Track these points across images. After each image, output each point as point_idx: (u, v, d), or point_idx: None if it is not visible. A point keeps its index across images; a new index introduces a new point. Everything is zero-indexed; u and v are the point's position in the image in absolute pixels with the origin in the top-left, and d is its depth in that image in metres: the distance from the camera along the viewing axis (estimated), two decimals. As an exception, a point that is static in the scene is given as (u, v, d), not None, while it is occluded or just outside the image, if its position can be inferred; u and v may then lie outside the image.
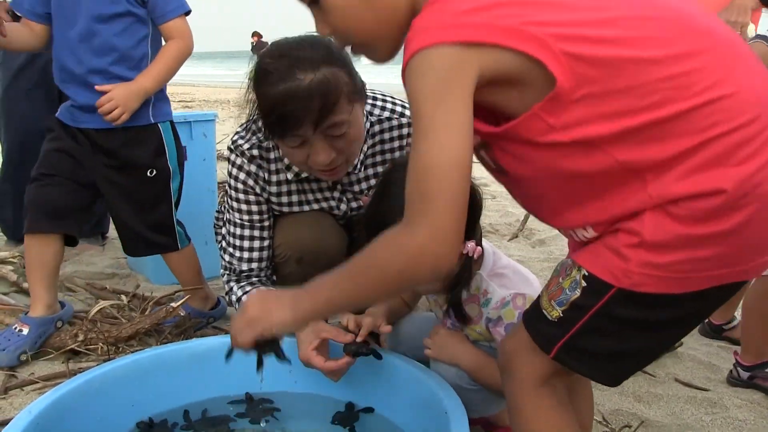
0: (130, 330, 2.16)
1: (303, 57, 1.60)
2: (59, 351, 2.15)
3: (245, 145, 1.88)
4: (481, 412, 1.63)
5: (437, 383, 1.52)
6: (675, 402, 2.01)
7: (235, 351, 1.31)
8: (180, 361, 1.73)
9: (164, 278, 2.99)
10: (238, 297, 1.90)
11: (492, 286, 1.53)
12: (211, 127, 3.05)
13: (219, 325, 2.51)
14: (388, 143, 1.92)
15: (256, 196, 1.91)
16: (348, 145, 1.70)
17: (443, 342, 1.60)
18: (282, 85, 1.58)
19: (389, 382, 1.66)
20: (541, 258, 3.45)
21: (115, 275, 3.13)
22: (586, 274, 1.07)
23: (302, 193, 1.94)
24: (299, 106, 1.57)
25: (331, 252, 1.93)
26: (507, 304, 1.49)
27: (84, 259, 3.34)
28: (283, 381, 1.76)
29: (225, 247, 1.96)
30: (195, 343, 1.81)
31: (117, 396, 1.61)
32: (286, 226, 1.95)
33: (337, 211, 1.98)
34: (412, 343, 1.75)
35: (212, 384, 1.74)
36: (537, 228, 4.05)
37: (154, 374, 1.69)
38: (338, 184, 1.95)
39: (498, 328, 1.51)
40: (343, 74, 1.63)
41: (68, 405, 1.50)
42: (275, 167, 1.90)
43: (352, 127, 1.67)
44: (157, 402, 1.67)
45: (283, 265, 1.94)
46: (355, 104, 1.68)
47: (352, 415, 1.69)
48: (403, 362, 1.65)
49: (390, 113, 1.90)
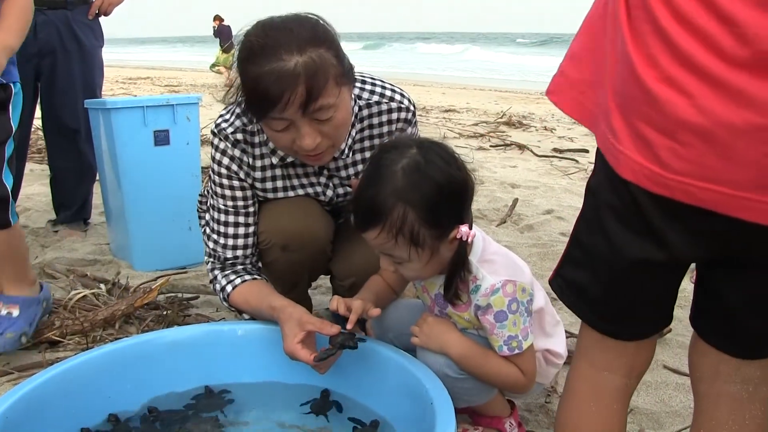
0: (106, 313, 2.11)
1: (289, 37, 1.54)
2: (35, 340, 2.10)
3: (229, 129, 1.82)
4: (469, 402, 1.60)
5: (423, 373, 1.49)
6: (663, 389, 1.98)
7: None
8: (158, 351, 1.69)
9: (147, 264, 2.96)
10: (222, 286, 1.85)
11: (482, 272, 1.49)
12: (194, 110, 3.00)
13: (202, 312, 2.46)
14: (376, 128, 1.87)
15: (240, 182, 1.86)
16: (335, 129, 1.64)
17: (431, 330, 1.56)
18: (267, 66, 1.52)
19: (375, 372, 1.63)
20: (530, 243, 3.42)
21: (97, 261, 3.08)
22: None
23: (287, 179, 1.89)
24: (284, 88, 1.51)
25: (317, 239, 1.89)
26: (497, 291, 1.46)
27: (66, 246, 3.29)
28: (261, 371, 1.74)
29: (209, 233, 1.91)
30: (174, 332, 1.77)
31: (90, 388, 1.56)
32: (270, 212, 1.89)
33: (323, 197, 1.93)
34: (399, 330, 1.72)
35: (192, 374, 1.70)
36: (525, 213, 4.02)
37: (131, 365, 1.64)
38: (325, 169, 1.90)
39: (487, 316, 1.47)
40: (330, 56, 1.57)
41: (39, 398, 1.46)
42: (260, 151, 1.84)
43: (339, 111, 1.62)
44: (134, 393, 1.63)
45: (267, 252, 1.89)
46: (343, 87, 1.62)
47: (326, 403, 1.66)
48: (389, 351, 1.62)
49: (379, 97, 1.85)
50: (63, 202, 3.54)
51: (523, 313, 1.48)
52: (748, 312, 1.09)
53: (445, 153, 1.44)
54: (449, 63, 29.68)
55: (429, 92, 14.35)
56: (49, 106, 3.28)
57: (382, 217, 1.40)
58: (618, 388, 1.24)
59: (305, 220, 1.87)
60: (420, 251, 1.43)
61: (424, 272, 1.52)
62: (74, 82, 3.25)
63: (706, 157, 0.92)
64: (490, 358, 1.50)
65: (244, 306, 1.82)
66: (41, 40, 3.13)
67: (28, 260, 2.16)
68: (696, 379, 1.24)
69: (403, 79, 16.91)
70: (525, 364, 1.51)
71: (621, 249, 1.09)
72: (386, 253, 1.47)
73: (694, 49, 0.91)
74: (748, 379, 1.16)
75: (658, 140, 0.96)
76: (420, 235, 1.40)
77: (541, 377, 1.61)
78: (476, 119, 9.07)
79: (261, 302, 1.75)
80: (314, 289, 2.58)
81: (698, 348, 1.22)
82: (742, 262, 1.05)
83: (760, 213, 0.92)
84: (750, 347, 1.14)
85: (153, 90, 14.80)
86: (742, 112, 0.88)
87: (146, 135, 2.87)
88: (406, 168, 1.40)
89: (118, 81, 17.45)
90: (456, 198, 1.44)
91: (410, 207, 1.38)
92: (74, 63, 3.23)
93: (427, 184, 1.39)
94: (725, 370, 1.17)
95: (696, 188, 0.94)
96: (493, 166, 5.72)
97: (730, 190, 0.92)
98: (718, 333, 1.16)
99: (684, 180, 0.95)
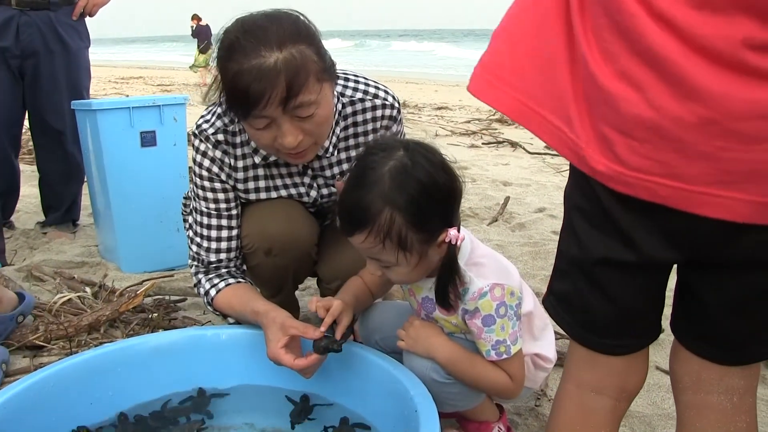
0: (91, 318, 2.08)
1: (269, 34, 1.51)
2: (19, 344, 2.06)
3: (209, 130, 1.79)
4: (456, 407, 1.57)
5: (409, 380, 1.46)
6: (656, 391, 1.96)
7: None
8: (142, 356, 1.66)
9: (134, 266, 2.94)
10: (206, 290, 1.82)
11: (470, 275, 1.46)
12: (181, 110, 2.96)
13: (189, 315, 2.43)
14: (361, 125, 1.84)
15: (221, 183, 1.83)
16: (317, 127, 1.62)
17: (418, 334, 1.54)
18: (246, 63, 1.50)
19: (360, 378, 1.60)
20: (521, 242, 3.40)
21: (85, 264, 3.04)
22: None
23: (270, 179, 1.86)
24: (265, 85, 1.49)
25: (301, 243, 1.86)
26: (485, 295, 1.43)
27: (54, 247, 3.26)
28: (246, 375, 1.72)
29: (192, 237, 1.88)
30: (157, 337, 1.74)
31: (70, 396, 1.54)
32: (253, 215, 1.86)
33: (307, 198, 1.90)
34: (385, 333, 1.70)
35: (176, 379, 1.68)
36: (517, 212, 4.00)
37: (113, 371, 1.62)
38: (309, 169, 1.87)
39: (474, 320, 1.45)
40: (310, 52, 1.55)
41: (17, 407, 1.43)
42: (241, 151, 1.81)
43: (320, 108, 1.59)
44: (115, 400, 1.60)
45: (250, 257, 1.86)
46: (324, 84, 1.60)
47: (306, 408, 1.64)
48: (375, 357, 1.59)
49: (363, 94, 1.82)
50: (51, 204, 3.51)
51: (511, 317, 1.45)
52: (725, 314, 1.05)
53: (432, 155, 1.41)
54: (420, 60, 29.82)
55: (422, 89, 14.35)
56: (34, 108, 3.25)
57: (368, 221, 1.36)
58: (606, 410, 1.19)
59: (289, 224, 1.84)
60: (408, 255, 1.40)
61: (411, 276, 1.49)
62: (58, 84, 3.21)
63: (661, 152, 0.90)
64: (478, 362, 1.48)
65: (228, 311, 1.80)
66: (24, 41, 3.09)
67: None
68: (678, 390, 1.20)
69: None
70: (513, 369, 1.48)
71: (588, 248, 1.06)
72: (373, 257, 1.44)
73: (656, 35, 0.87)
74: (732, 388, 1.12)
75: (616, 138, 0.93)
76: (408, 239, 1.37)
77: (530, 382, 1.59)
78: (469, 116, 9.06)
79: (244, 307, 1.72)
80: (302, 290, 2.56)
81: (679, 356, 1.18)
82: (716, 262, 1.01)
83: (719, 208, 0.89)
84: (730, 352, 1.10)
85: (145, 89, 14.77)
86: (692, 105, 0.85)
87: (132, 136, 2.84)
88: (392, 170, 1.36)
89: (110, 81, 17.41)
90: (444, 201, 1.41)
91: (397, 211, 1.35)
92: (58, 64, 3.19)
93: (413, 187, 1.36)
94: (708, 378, 1.13)
95: (655, 184, 0.92)
96: (485, 163, 5.70)
97: (686, 185, 0.90)
98: (697, 337, 1.12)
99: (643, 177, 0.92)
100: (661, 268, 1.08)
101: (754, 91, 0.83)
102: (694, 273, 1.07)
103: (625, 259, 1.03)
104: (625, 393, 1.20)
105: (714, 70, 0.84)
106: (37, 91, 3.19)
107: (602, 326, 1.13)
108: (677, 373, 1.19)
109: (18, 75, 3.14)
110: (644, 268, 1.05)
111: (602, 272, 1.07)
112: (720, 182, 0.88)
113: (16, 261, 3.07)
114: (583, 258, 1.08)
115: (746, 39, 0.81)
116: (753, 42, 0.82)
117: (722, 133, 0.85)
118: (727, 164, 0.87)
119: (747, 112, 0.84)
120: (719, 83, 0.84)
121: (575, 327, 1.17)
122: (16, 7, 3.06)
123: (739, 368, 1.12)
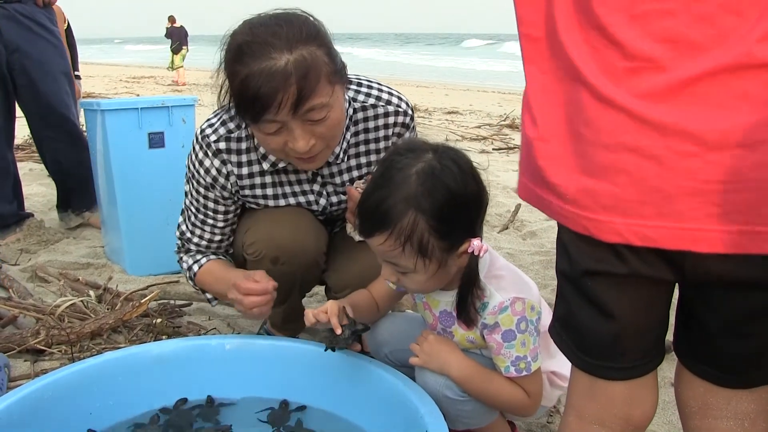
0: (93, 326, 2.05)
1: (278, 35, 1.47)
2: (20, 348, 2.03)
3: (212, 137, 1.75)
4: (468, 424, 1.52)
5: (419, 397, 1.41)
6: (671, 409, 1.90)
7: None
8: (143, 365, 1.63)
9: (140, 269, 2.90)
10: (189, 266, 1.89)
11: (490, 289, 1.41)
12: (190, 112, 2.93)
13: (194, 320, 2.39)
14: (372, 132, 1.79)
15: (213, 193, 1.80)
16: (329, 130, 1.57)
17: (432, 349, 1.48)
18: (255, 65, 1.45)
19: (368, 393, 1.56)
20: (532, 251, 3.34)
21: (90, 265, 3.01)
22: None
23: (278, 186, 1.81)
24: (275, 88, 1.44)
25: (309, 251, 1.81)
26: (505, 310, 1.38)
27: (60, 248, 3.23)
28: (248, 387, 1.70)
29: (182, 220, 1.94)
30: (159, 346, 1.70)
31: (72, 404, 1.50)
32: (261, 223, 1.82)
33: (316, 206, 1.85)
34: (394, 346, 1.65)
35: (173, 389, 1.64)
36: (528, 220, 3.95)
37: (114, 379, 1.58)
38: (318, 176, 1.82)
39: (494, 335, 1.40)
40: (321, 53, 1.50)
41: (18, 414, 1.39)
42: (247, 158, 1.76)
43: (332, 111, 1.54)
44: (116, 409, 1.57)
45: (257, 264, 1.82)
46: (336, 86, 1.55)
47: (285, 414, 1.62)
48: (384, 372, 1.54)
49: (375, 100, 1.77)
50: (73, 187, 3.49)
51: (532, 333, 1.40)
52: (725, 336, 0.99)
53: (461, 160, 1.36)
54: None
55: (432, 93, 14.31)
56: (30, 100, 3.25)
57: (390, 223, 1.31)
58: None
59: (297, 232, 1.79)
60: (427, 262, 1.35)
61: (427, 285, 1.43)
62: (51, 69, 3.25)
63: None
64: (495, 379, 1.43)
65: (208, 284, 1.88)
66: (6, 35, 3.11)
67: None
68: (685, 415, 1.13)
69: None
70: (531, 386, 1.43)
71: (576, 260, 1.00)
72: (390, 261, 1.38)
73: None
74: (742, 413, 1.05)
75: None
76: (429, 245, 1.32)
77: (545, 400, 1.53)
78: (479, 121, 9.01)
79: (225, 276, 1.80)
80: (309, 297, 2.51)
81: (683, 378, 1.11)
82: (713, 282, 0.95)
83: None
84: (734, 375, 1.03)
85: (156, 89, 14.80)
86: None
87: (141, 137, 2.81)
88: (420, 173, 1.31)
89: (121, 80, 17.48)
90: (470, 209, 1.36)
91: (422, 215, 1.30)
92: (45, 51, 3.23)
93: (441, 192, 1.30)
94: (714, 402, 1.06)
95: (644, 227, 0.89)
96: (495, 169, 5.65)
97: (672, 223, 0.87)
98: (699, 360, 1.06)
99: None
100: (657, 284, 1.00)
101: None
102: (692, 291, 1.01)
103: (615, 270, 0.96)
104: (631, 426, 1.12)
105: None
106: (30, 82, 3.20)
107: (597, 346, 1.06)
108: (683, 396, 1.12)
109: (6, 71, 3.15)
110: (637, 282, 0.98)
111: (593, 285, 1.00)
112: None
113: (21, 261, 3.04)
114: (572, 271, 1.02)
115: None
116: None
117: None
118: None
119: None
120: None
121: (573, 350, 1.10)
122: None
123: (747, 391, 1.04)
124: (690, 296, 1.02)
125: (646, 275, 0.96)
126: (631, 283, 0.98)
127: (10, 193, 3.31)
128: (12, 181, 3.35)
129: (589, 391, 1.11)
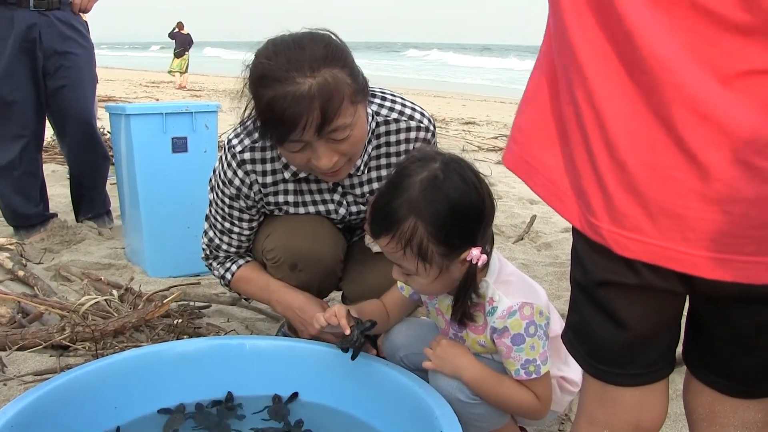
0: (116, 324, 2.10)
1: (301, 57, 1.50)
2: (46, 344, 2.09)
3: (238, 147, 1.80)
4: (480, 428, 1.56)
5: (434, 399, 1.45)
6: (683, 422, 1.91)
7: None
8: (166, 362, 1.67)
9: (160, 271, 2.95)
10: (221, 274, 1.98)
11: (498, 294, 1.46)
12: (213, 118, 3.00)
13: (214, 322, 2.44)
14: (393, 146, 1.83)
15: (238, 203, 1.86)
16: (351, 147, 1.61)
17: (445, 353, 1.53)
18: (280, 89, 1.49)
19: (384, 395, 1.60)
20: (546, 262, 3.37)
21: (112, 266, 3.07)
22: None
23: (299, 194, 1.86)
24: (299, 112, 1.48)
25: (326, 259, 1.87)
26: (514, 314, 1.42)
27: (82, 248, 3.29)
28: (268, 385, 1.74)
29: (207, 228, 2.00)
30: (182, 344, 1.76)
31: (97, 398, 1.55)
32: (281, 229, 1.87)
33: (336, 215, 1.90)
34: (410, 350, 1.69)
35: (196, 386, 1.69)
36: (543, 231, 3.97)
37: (137, 375, 1.63)
38: (339, 186, 1.87)
39: (503, 339, 1.44)
40: (344, 75, 1.54)
41: (45, 407, 1.44)
42: (271, 167, 1.81)
43: (355, 129, 1.58)
44: (140, 403, 1.61)
45: (277, 269, 1.87)
46: (358, 105, 1.59)
47: (281, 408, 1.67)
48: (399, 374, 1.59)
49: (398, 114, 1.81)
50: (84, 194, 3.57)
51: (541, 337, 1.44)
52: (733, 348, 1.02)
53: (466, 171, 1.41)
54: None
55: (449, 104, 14.34)
56: (60, 103, 3.34)
57: (393, 226, 1.39)
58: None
59: (315, 240, 1.84)
60: (427, 266, 1.41)
61: (432, 288, 1.50)
62: (82, 75, 3.35)
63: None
64: (505, 382, 1.47)
65: (246, 290, 2.01)
66: (45, 41, 3.21)
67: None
68: (692, 423, 1.15)
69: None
70: (541, 390, 1.47)
71: (590, 270, 1.03)
72: (396, 262, 1.46)
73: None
74: (749, 423, 1.07)
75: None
76: (428, 250, 1.39)
77: (556, 405, 1.57)
78: (496, 132, 9.03)
79: (263, 288, 1.93)
80: (327, 301, 2.55)
81: (691, 387, 1.13)
82: (724, 297, 0.97)
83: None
84: (741, 386, 1.05)
85: (175, 94, 14.92)
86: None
87: (164, 141, 2.87)
88: (423, 181, 1.38)
89: (141, 84, 17.65)
90: (469, 219, 1.41)
91: (421, 221, 1.37)
92: (80, 58, 3.33)
93: (441, 200, 1.37)
94: (722, 411, 1.08)
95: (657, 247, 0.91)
96: (511, 180, 5.66)
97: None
98: (707, 369, 1.08)
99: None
100: (669, 295, 1.03)
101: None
102: (702, 303, 1.04)
103: (628, 281, 0.99)
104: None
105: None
106: (62, 87, 3.29)
107: (608, 353, 1.09)
108: (691, 404, 1.15)
109: (41, 75, 3.24)
110: (650, 293, 1.01)
111: (606, 294, 1.04)
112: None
113: (45, 260, 3.11)
114: (586, 281, 1.05)
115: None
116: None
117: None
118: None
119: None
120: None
121: (585, 357, 1.13)
122: (34, 9, 3.17)
123: (754, 401, 1.07)
124: (700, 308, 1.05)
125: (658, 287, 0.99)
126: (644, 294, 1.00)
127: (37, 195, 3.41)
128: (39, 183, 3.44)
129: (601, 397, 1.13)
